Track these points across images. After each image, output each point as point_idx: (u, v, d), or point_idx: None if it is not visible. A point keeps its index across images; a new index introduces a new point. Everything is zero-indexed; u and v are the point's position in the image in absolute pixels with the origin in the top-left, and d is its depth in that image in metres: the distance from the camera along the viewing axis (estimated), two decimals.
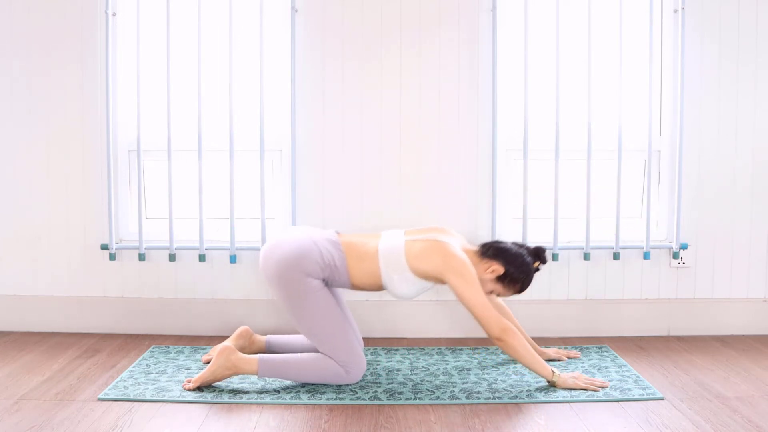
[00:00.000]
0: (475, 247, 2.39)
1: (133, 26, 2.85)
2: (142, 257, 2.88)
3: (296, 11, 2.82)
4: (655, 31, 2.87)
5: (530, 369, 2.25)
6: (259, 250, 2.86)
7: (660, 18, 2.90)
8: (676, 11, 2.84)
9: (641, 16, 2.87)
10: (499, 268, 2.30)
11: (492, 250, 2.33)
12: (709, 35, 2.86)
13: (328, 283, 2.32)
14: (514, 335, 2.19)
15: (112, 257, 2.88)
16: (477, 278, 2.24)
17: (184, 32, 2.87)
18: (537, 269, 2.36)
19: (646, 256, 2.89)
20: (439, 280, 2.29)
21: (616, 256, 2.89)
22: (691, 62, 2.85)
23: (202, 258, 2.87)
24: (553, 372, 2.26)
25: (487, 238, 2.84)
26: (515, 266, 2.30)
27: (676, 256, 2.91)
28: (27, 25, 2.85)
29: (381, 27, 2.84)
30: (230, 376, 2.28)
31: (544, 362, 2.27)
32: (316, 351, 2.48)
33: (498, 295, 2.37)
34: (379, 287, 2.34)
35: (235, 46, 2.82)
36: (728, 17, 2.85)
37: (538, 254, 2.35)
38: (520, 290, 2.35)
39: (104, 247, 2.89)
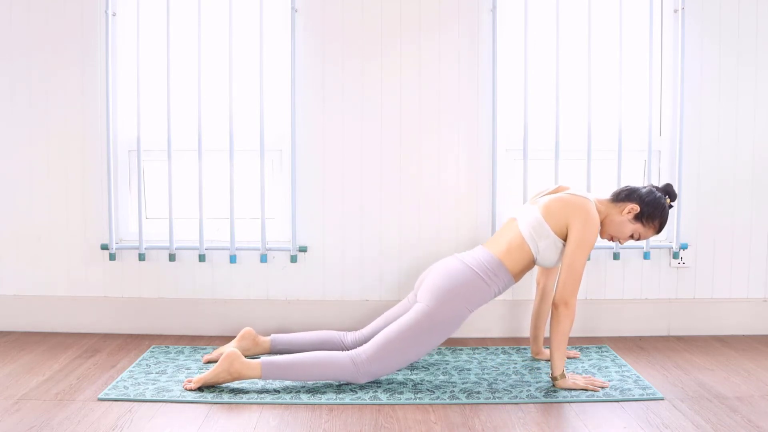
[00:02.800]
0: (607, 197, 2.43)
1: (133, 26, 2.85)
2: (142, 257, 2.88)
3: (296, 11, 2.82)
4: (655, 31, 2.87)
5: (551, 353, 2.28)
6: (258, 249, 2.87)
7: (660, 18, 2.90)
8: (676, 11, 2.84)
9: (641, 16, 2.87)
10: (635, 207, 2.33)
11: (624, 193, 2.38)
12: (709, 35, 2.86)
13: (497, 294, 2.37)
14: (569, 314, 2.25)
15: (112, 257, 2.88)
16: (592, 245, 2.29)
17: (184, 32, 2.87)
18: (670, 206, 2.39)
19: (646, 256, 2.89)
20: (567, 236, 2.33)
21: (616, 256, 2.89)
22: (691, 62, 2.85)
23: (202, 258, 2.87)
24: (563, 372, 2.29)
25: (487, 236, 2.85)
26: (649, 203, 2.34)
27: (676, 256, 2.91)
28: (27, 25, 2.85)
29: (381, 27, 2.84)
30: (232, 381, 2.28)
31: (564, 359, 2.30)
32: (323, 348, 2.49)
33: (639, 237, 2.38)
34: (532, 263, 2.38)
35: (235, 46, 2.82)
36: (728, 17, 2.85)
37: (668, 191, 2.39)
38: (659, 229, 2.37)
39: (104, 247, 2.89)
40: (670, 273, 2.94)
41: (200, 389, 2.25)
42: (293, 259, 2.88)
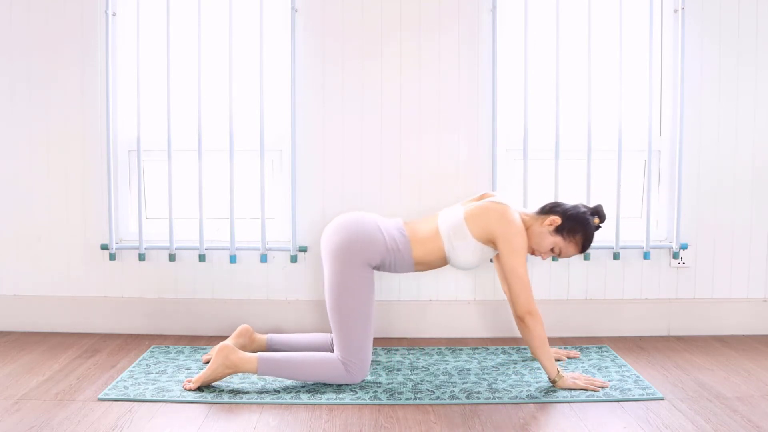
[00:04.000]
0: (535, 209, 2.43)
1: (133, 26, 2.85)
2: (142, 257, 2.88)
3: (296, 11, 2.82)
4: (655, 31, 2.87)
5: (539, 360, 2.28)
6: (258, 249, 2.87)
7: (660, 18, 2.90)
8: (676, 11, 2.84)
9: (641, 16, 2.87)
10: (556, 219, 2.33)
11: (549, 206, 2.39)
12: (709, 35, 2.86)
13: (389, 268, 2.37)
14: (536, 321, 2.24)
15: (112, 257, 2.88)
16: (525, 249, 2.29)
17: (184, 32, 2.87)
18: (598, 226, 2.38)
19: (646, 256, 2.89)
20: (495, 245, 2.34)
21: (616, 256, 2.89)
22: (691, 62, 2.85)
23: (202, 258, 2.87)
24: (558, 371, 2.28)
25: None
26: (572, 216, 2.33)
27: (676, 256, 2.91)
28: (27, 25, 2.85)
29: (381, 27, 2.84)
30: (230, 374, 2.28)
31: (554, 359, 2.30)
32: (318, 350, 2.49)
33: (560, 253, 2.37)
34: (443, 261, 2.39)
35: (235, 46, 2.82)
36: (728, 17, 2.85)
37: (597, 212, 2.39)
38: (582, 245, 2.35)
39: (104, 247, 2.89)
40: (670, 273, 2.94)
41: (200, 389, 2.25)
42: (293, 259, 2.88)
